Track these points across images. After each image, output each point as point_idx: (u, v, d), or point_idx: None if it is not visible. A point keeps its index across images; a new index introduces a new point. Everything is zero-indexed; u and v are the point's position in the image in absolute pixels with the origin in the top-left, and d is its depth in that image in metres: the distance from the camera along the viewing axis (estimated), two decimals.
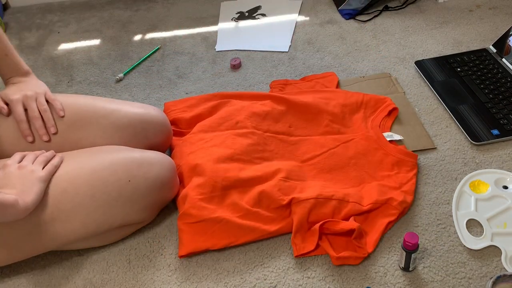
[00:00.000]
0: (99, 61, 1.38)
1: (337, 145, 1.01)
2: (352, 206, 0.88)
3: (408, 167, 0.96)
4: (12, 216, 0.72)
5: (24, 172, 0.77)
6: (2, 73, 0.91)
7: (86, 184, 0.80)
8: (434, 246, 0.85)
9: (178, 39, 1.44)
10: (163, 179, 0.86)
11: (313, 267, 0.83)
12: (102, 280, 0.84)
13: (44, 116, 0.86)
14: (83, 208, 0.79)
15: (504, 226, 0.86)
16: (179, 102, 1.14)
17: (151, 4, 1.62)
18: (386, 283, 0.80)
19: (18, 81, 0.91)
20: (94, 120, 0.89)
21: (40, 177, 0.77)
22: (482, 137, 1.02)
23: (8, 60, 0.90)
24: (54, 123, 0.87)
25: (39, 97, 0.88)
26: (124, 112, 0.92)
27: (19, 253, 0.80)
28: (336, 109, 1.09)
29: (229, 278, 0.83)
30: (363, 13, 1.46)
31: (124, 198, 0.82)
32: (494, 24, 1.36)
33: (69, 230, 0.79)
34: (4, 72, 0.91)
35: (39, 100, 0.87)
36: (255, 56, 1.33)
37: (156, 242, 0.90)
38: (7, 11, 1.66)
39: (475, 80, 1.15)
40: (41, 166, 0.79)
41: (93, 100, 0.92)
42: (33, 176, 0.77)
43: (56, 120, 0.88)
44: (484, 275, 0.80)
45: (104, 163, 0.82)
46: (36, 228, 0.77)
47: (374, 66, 1.26)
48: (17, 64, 0.91)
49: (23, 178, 0.76)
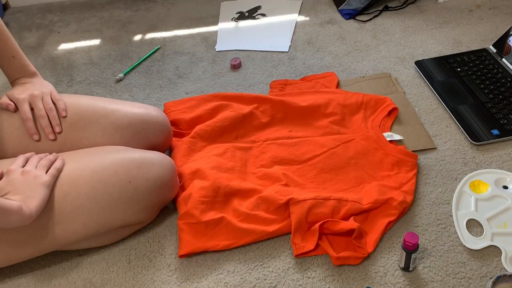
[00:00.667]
0: (99, 61, 1.38)
1: (337, 145, 1.02)
2: (352, 205, 0.88)
3: (408, 167, 0.96)
4: (17, 223, 0.72)
5: (28, 177, 0.77)
6: (9, 74, 0.92)
7: (87, 186, 0.80)
8: (434, 246, 0.85)
9: (178, 39, 1.44)
10: (163, 179, 0.86)
11: (313, 267, 0.83)
12: (102, 280, 0.84)
13: (49, 115, 0.87)
14: (84, 210, 0.79)
15: (504, 226, 0.86)
16: (179, 103, 1.14)
17: (151, 4, 1.62)
18: (386, 283, 0.80)
19: (24, 82, 0.91)
20: (94, 120, 0.89)
21: (44, 182, 0.77)
22: (482, 137, 1.02)
23: (15, 62, 0.91)
24: (60, 122, 0.87)
25: (45, 96, 0.88)
26: (125, 112, 0.92)
27: (20, 255, 0.80)
28: (336, 110, 1.09)
29: (229, 278, 0.83)
30: (363, 13, 1.46)
31: (124, 199, 0.82)
32: (494, 24, 1.36)
33: (70, 232, 0.79)
34: (11, 73, 0.92)
35: (45, 100, 0.88)
36: (255, 56, 1.33)
37: (156, 242, 0.90)
38: (7, 11, 1.66)
39: (475, 80, 1.15)
40: (44, 170, 0.79)
41: (93, 100, 0.92)
42: (37, 182, 0.76)
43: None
44: (484, 275, 0.80)
45: (104, 164, 0.82)
46: (38, 231, 0.78)
47: (374, 66, 1.26)
48: (24, 66, 0.92)
49: (27, 184, 0.76)
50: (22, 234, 0.77)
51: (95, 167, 0.81)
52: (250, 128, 1.07)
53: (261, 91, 1.21)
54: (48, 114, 0.87)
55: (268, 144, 1.03)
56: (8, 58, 0.90)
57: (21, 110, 0.86)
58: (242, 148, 1.02)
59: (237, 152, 1.01)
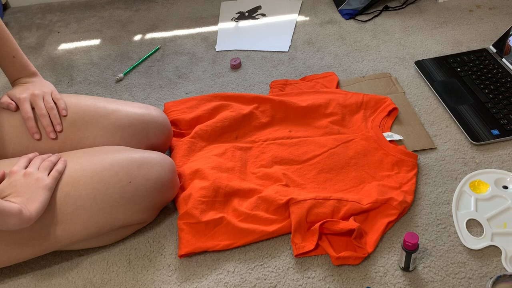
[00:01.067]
0: (99, 61, 1.38)
1: (337, 145, 1.02)
2: (352, 205, 0.88)
3: (408, 167, 0.96)
4: (16, 226, 0.72)
5: (30, 180, 0.77)
6: (10, 74, 0.92)
7: (88, 187, 0.80)
8: (434, 246, 0.85)
9: (178, 39, 1.44)
10: (164, 179, 0.86)
11: (313, 267, 0.83)
12: (102, 280, 0.84)
13: (50, 114, 0.87)
14: (85, 210, 0.79)
15: (504, 226, 0.86)
16: (179, 103, 1.14)
17: (151, 4, 1.62)
18: (386, 283, 0.80)
19: (25, 82, 0.91)
20: (94, 120, 0.89)
21: (46, 185, 0.77)
22: (482, 137, 1.02)
23: (16, 62, 0.91)
24: (61, 121, 0.88)
25: (46, 95, 0.88)
26: (125, 112, 0.92)
27: (20, 255, 0.80)
28: (336, 110, 1.09)
29: (229, 278, 0.83)
30: (363, 13, 1.46)
31: (125, 199, 0.82)
32: (494, 24, 1.36)
33: (71, 232, 0.79)
34: (11, 73, 0.92)
35: (46, 99, 0.88)
36: (255, 56, 1.33)
37: (156, 242, 0.90)
38: (7, 11, 1.66)
39: (475, 80, 1.15)
40: (46, 172, 0.79)
41: (94, 100, 0.93)
42: (38, 184, 0.76)
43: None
44: (484, 275, 0.80)
45: (104, 164, 0.82)
46: (38, 231, 0.78)
47: (374, 66, 1.26)
48: (24, 66, 0.92)
49: (29, 186, 0.76)
50: (22, 235, 0.77)
51: (96, 168, 0.81)
52: (250, 128, 1.07)
53: (261, 91, 1.21)
54: (49, 113, 0.87)
55: (268, 144, 1.03)
56: (8, 58, 0.90)
57: (22, 109, 0.86)
58: (242, 148, 1.02)
59: (237, 152, 1.01)
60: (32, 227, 0.77)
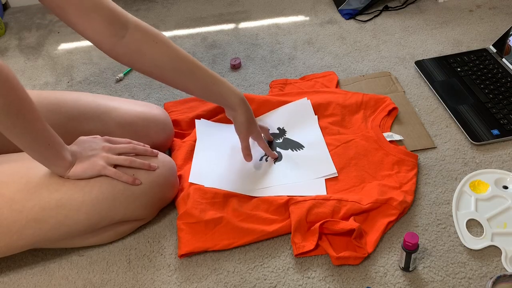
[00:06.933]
0: (99, 61, 1.38)
1: (337, 145, 1.01)
2: (352, 205, 0.87)
3: (409, 166, 0.96)
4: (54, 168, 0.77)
5: (102, 155, 0.81)
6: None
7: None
8: (434, 246, 0.85)
9: (178, 39, 1.44)
10: (165, 177, 0.87)
11: (313, 267, 0.83)
12: (102, 280, 0.84)
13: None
14: (90, 198, 0.80)
15: (504, 226, 0.86)
16: (179, 103, 1.14)
17: (151, 4, 1.62)
18: (386, 283, 0.80)
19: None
20: (96, 116, 0.89)
21: (98, 170, 0.80)
22: (482, 137, 1.02)
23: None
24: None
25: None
26: (126, 110, 0.92)
27: (20, 241, 0.79)
28: (336, 110, 1.09)
29: (229, 278, 0.83)
30: (363, 13, 1.46)
31: (128, 191, 0.82)
32: (494, 24, 1.36)
33: (73, 220, 0.80)
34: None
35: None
36: (255, 56, 1.33)
37: (156, 242, 0.90)
38: (7, 11, 1.66)
39: (475, 80, 1.15)
40: (113, 164, 0.81)
41: (95, 97, 0.93)
42: (99, 163, 0.80)
43: (58, 113, 0.88)
44: (484, 275, 0.80)
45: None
46: (41, 212, 0.77)
47: (374, 66, 1.26)
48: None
49: (93, 158, 0.80)
50: (27, 214, 0.77)
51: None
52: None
53: (261, 91, 1.21)
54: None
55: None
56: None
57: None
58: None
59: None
60: (38, 205, 0.77)
